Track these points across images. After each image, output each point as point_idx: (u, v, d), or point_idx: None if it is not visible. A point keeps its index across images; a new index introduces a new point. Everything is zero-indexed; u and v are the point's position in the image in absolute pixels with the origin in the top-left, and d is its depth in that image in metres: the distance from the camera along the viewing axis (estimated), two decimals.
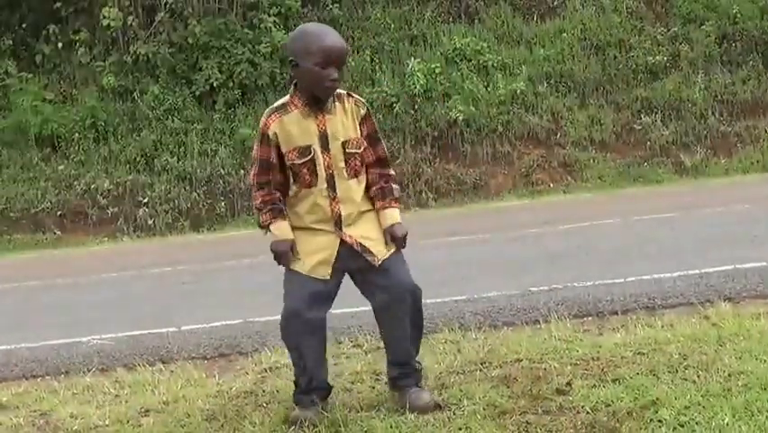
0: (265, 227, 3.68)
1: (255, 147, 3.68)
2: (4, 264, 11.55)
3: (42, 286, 8.71)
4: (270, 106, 3.72)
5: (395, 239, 3.68)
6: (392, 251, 3.68)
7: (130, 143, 15.05)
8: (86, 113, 15.23)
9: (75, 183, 14.54)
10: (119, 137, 15.18)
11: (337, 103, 3.64)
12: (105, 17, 15.27)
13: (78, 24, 16.12)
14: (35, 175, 14.75)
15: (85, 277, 9.16)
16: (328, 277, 3.64)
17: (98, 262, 10.82)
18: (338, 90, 3.65)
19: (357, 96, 3.73)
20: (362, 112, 3.69)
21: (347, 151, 3.62)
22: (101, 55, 15.99)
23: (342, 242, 3.64)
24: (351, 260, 3.66)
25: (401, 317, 3.72)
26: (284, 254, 3.64)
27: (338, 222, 3.63)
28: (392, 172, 3.79)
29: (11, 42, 16.19)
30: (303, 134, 3.60)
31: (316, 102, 3.60)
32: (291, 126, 3.60)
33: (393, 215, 3.71)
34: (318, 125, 3.60)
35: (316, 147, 3.59)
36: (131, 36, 15.78)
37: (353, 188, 3.66)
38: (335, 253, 3.64)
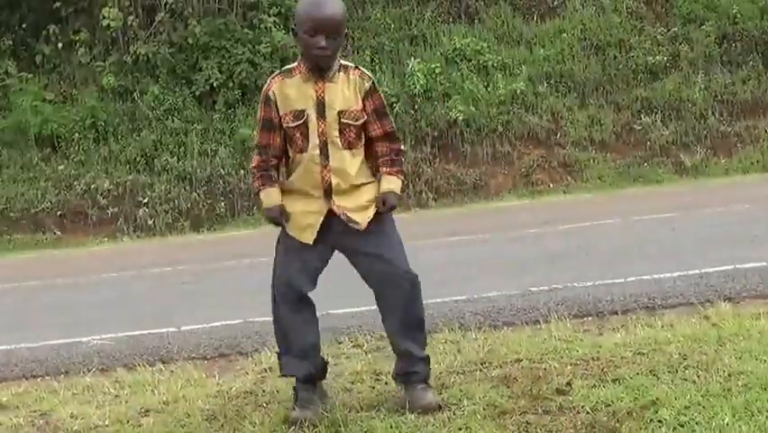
0: (256, 194, 3.78)
1: (259, 110, 3.77)
2: (4, 264, 11.53)
3: (42, 286, 8.69)
4: (278, 70, 3.82)
5: (384, 203, 3.70)
6: (372, 214, 3.68)
7: (130, 143, 15.02)
8: (86, 113, 15.20)
9: (75, 183, 14.51)
10: (119, 137, 15.15)
11: (341, 73, 3.69)
12: (105, 17, 15.24)
13: (78, 24, 16.09)
14: (35, 175, 14.72)
15: (85, 277, 9.15)
16: (311, 243, 3.68)
17: (98, 262, 10.81)
18: (346, 62, 3.73)
19: (364, 70, 3.77)
20: (367, 86, 3.72)
21: (342, 121, 3.66)
22: (101, 55, 15.96)
23: (331, 212, 3.67)
24: (338, 233, 3.69)
25: (398, 301, 3.72)
26: (275, 220, 3.72)
27: (328, 190, 3.67)
28: (402, 147, 3.84)
29: (11, 42, 16.15)
30: (300, 98, 3.66)
31: (319, 69, 3.66)
32: (290, 89, 3.67)
33: (394, 182, 3.74)
34: (317, 91, 3.66)
35: (311, 112, 3.65)
36: (131, 36, 15.75)
37: (347, 160, 3.68)
38: (321, 219, 3.67)
